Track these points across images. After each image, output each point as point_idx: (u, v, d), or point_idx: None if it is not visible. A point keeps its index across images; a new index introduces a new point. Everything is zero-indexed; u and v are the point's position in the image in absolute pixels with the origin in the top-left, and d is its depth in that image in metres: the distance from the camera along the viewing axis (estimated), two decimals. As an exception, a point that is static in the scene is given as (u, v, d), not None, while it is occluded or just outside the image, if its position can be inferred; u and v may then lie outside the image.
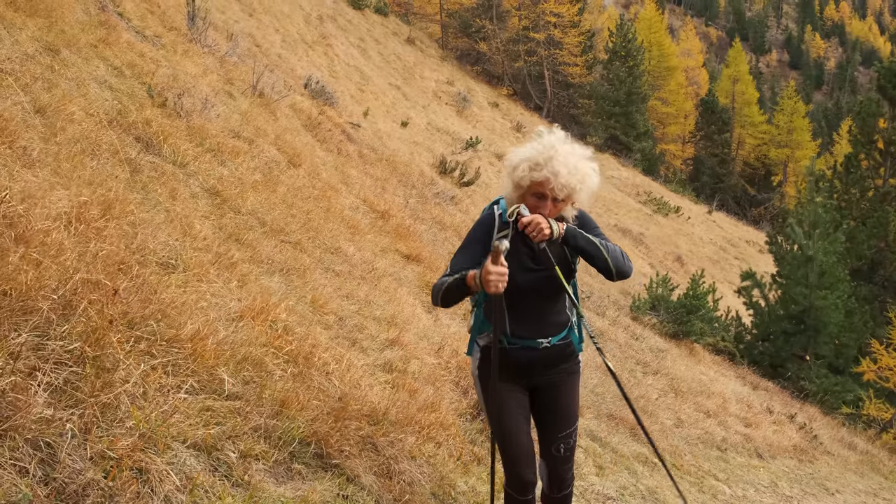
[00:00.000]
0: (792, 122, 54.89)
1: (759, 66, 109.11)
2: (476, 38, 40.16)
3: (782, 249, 17.21)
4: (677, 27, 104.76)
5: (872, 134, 19.56)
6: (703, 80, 66.61)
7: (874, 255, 19.12)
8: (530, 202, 3.41)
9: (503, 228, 3.52)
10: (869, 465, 11.82)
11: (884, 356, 15.84)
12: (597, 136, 38.94)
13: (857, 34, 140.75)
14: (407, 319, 6.83)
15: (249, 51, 13.29)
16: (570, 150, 3.40)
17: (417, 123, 21.63)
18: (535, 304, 3.53)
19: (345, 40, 25.35)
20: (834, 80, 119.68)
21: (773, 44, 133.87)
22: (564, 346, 3.65)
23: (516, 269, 3.36)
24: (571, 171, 3.34)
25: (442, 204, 13.68)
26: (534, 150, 3.38)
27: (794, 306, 16.30)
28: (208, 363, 3.62)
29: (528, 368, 3.59)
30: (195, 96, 7.88)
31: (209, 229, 5.50)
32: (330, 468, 3.71)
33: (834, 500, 8.84)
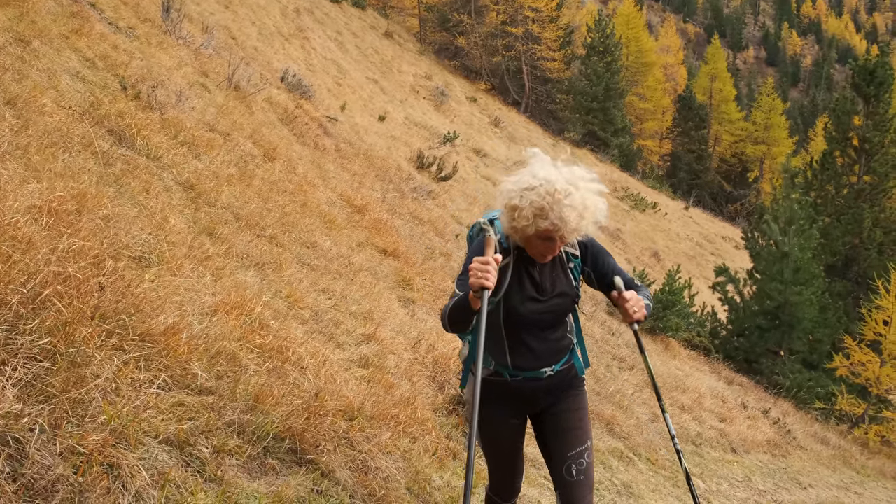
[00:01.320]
0: (769, 119, 55.27)
1: (737, 63, 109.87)
2: (454, 33, 40.08)
3: (758, 245, 17.34)
4: (655, 23, 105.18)
5: (847, 131, 19.74)
6: (682, 77, 66.96)
7: (848, 251, 19.33)
8: (537, 246, 3.14)
9: (505, 255, 3.20)
10: (841, 460, 11.95)
11: (856, 352, 16.02)
12: (574, 131, 39.03)
13: (834, 32, 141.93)
14: (383, 314, 6.82)
15: (225, 43, 13.19)
16: (577, 186, 3.05)
17: (395, 118, 21.58)
18: (538, 334, 3.29)
19: (322, 33, 25.23)
20: (810, 77, 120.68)
21: (750, 41, 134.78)
22: (567, 370, 3.44)
23: (519, 300, 3.20)
24: (581, 212, 3.03)
25: (419, 199, 13.66)
26: (536, 194, 3.01)
27: (768, 302, 16.44)
28: (181, 358, 3.59)
29: (531, 398, 3.41)
30: (169, 89, 7.82)
31: (183, 223, 5.46)
32: (304, 463, 3.70)
33: (806, 494, 8.93)
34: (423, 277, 9.00)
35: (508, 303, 3.22)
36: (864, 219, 18.79)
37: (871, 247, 18.99)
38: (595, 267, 3.39)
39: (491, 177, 21.99)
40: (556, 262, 3.31)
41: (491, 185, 20.95)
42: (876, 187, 19.15)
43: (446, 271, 10.33)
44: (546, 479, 5.61)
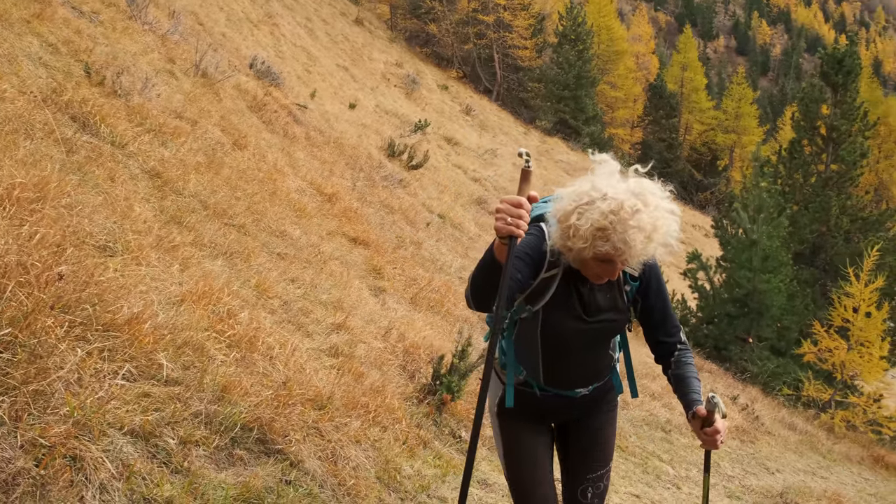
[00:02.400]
0: (739, 108, 55.67)
1: (707, 52, 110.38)
2: (425, 20, 39.93)
3: (727, 233, 17.48)
4: (627, 12, 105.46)
5: (815, 120, 19.91)
6: (653, 66, 67.20)
7: (816, 239, 19.54)
8: (594, 268, 2.76)
9: (552, 268, 2.84)
10: (808, 445, 12.11)
11: (824, 338, 16.22)
12: (546, 119, 39.07)
13: (803, 21, 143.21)
14: (354, 303, 6.79)
15: (192, 29, 13.03)
16: (647, 203, 2.61)
17: (366, 105, 21.46)
18: (577, 354, 2.96)
19: (291, 20, 25.01)
20: (779, 66, 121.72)
21: (720, 30, 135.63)
22: (602, 387, 3.13)
23: (561, 318, 2.86)
24: (650, 234, 2.60)
25: (390, 187, 13.61)
26: (598, 212, 2.58)
27: (738, 290, 16.60)
28: (147, 348, 3.54)
29: (558, 414, 3.15)
30: (135, 75, 7.70)
31: (149, 212, 5.39)
32: (273, 453, 3.67)
33: (774, 479, 9.03)
34: (393, 266, 8.97)
35: (548, 318, 2.88)
36: (831, 207, 19.00)
37: (837, 234, 19.22)
38: (646, 298, 3.00)
39: (462, 165, 21.97)
40: (612, 281, 2.91)
41: (462, 174, 20.93)
42: (843, 175, 19.35)
43: (417, 260, 10.31)
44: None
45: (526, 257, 2.79)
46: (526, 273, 2.78)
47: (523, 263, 2.78)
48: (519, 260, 2.76)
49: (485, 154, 24.91)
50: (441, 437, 5.38)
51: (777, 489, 8.35)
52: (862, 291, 15.46)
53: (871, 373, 16.10)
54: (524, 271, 2.77)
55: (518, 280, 2.75)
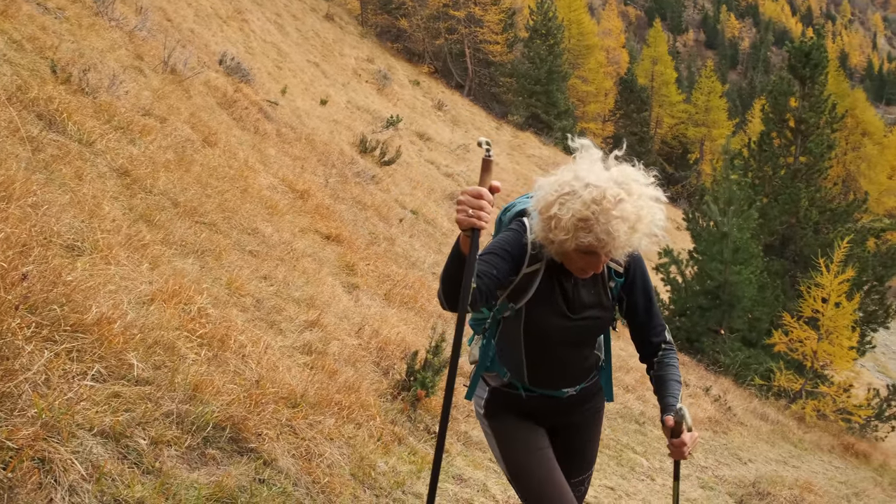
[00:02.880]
0: (709, 102, 56.12)
1: (677, 46, 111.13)
2: (396, 15, 39.84)
3: (699, 226, 17.62)
4: (597, 6, 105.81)
5: (784, 113, 20.09)
6: (623, 60, 67.51)
7: (785, 230, 19.73)
8: (577, 261, 2.68)
9: (534, 262, 2.77)
10: (779, 435, 12.25)
11: (794, 329, 16.40)
12: (518, 114, 39.11)
13: (771, 15, 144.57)
14: (327, 300, 6.76)
15: (160, 25, 12.90)
16: (630, 191, 2.54)
17: (337, 101, 21.37)
18: (561, 352, 2.90)
19: (261, 15, 24.85)
20: (748, 59, 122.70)
21: (690, 24, 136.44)
22: (590, 388, 3.08)
23: (545, 314, 2.79)
24: (634, 224, 2.53)
25: (363, 183, 13.57)
26: (580, 202, 2.51)
27: (709, 282, 16.75)
28: (116, 348, 3.49)
29: (547, 414, 3.05)
30: (102, 72, 7.61)
31: (118, 210, 5.32)
32: (246, 452, 3.64)
33: (746, 468, 9.13)
34: (366, 262, 8.95)
35: (531, 315, 2.81)
36: (800, 199, 19.18)
37: (807, 226, 19.41)
38: (631, 294, 2.93)
39: (435, 160, 21.95)
40: (597, 276, 2.85)
41: (435, 169, 20.92)
42: (811, 167, 19.55)
43: (390, 256, 10.29)
44: (492, 461, 5.64)
45: (505, 254, 2.73)
46: (504, 269, 2.71)
47: (501, 259, 2.71)
48: (496, 256, 2.70)
49: (457, 149, 24.91)
50: (416, 433, 5.37)
51: (749, 479, 8.43)
52: (831, 282, 15.65)
53: (841, 362, 16.32)
54: (501, 267, 2.69)
55: (495, 276, 2.66)
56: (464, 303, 2.52)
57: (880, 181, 49.00)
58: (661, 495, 6.91)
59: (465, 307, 2.52)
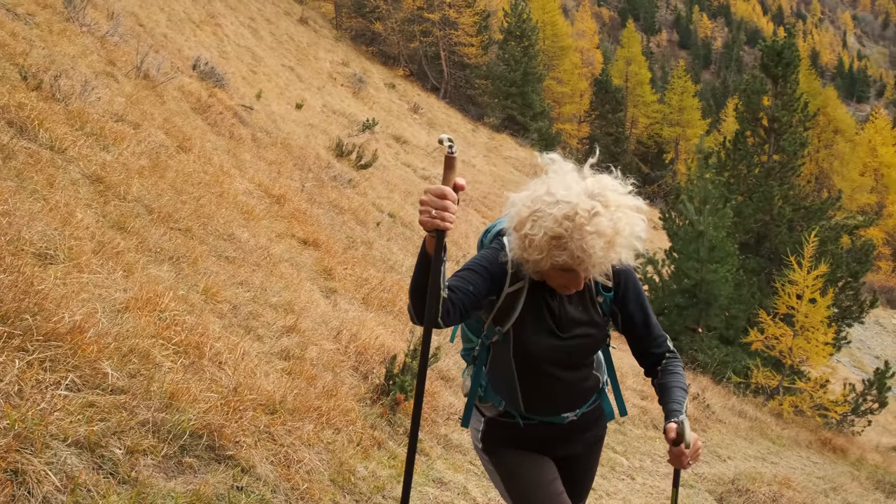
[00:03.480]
0: (682, 101, 56.52)
1: (651, 47, 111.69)
2: (371, 18, 39.78)
3: (675, 225, 17.72)
4: (571, 7, 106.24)
5: (757, 111, 20.25)
6: (597, 61, 67.85)
7: (760, 228, 19.89)
8: (556, 279, 2.56)
9: (517, 281, 2.65)
10: (758, 431, 12.34)
11: (770, 326, 16.53)
12: (494, 116, 39.19)
13: (742, 14, 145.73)
14: (304, 305, 6.72)
15: (132, 30, 12.80)
16: (607, 203, 2.40)
17: (312, 105, 21.31)
18: (557, 374, 2.75)
19: (234, 20, 24.73)
20: (721, 59, 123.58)
21: (662, 24, 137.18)
22: (592, 413, 2.93)
23: (533, 335, 2.66)
24: (611, 238, 2.38)
25: (339, 187, 13.53)
26: (552, 219, 2.38)
27: (686, 280, 16.85)
28: (90, 357, 3.46)
29: (549, 442, 2.90)
30: (74, 78, 7.53)
31: (91, 217, 5.27)
32: (224, 460, 3.61)
33: (726, 466, 9.18)
34: (344, 267, 8.92)
35: (519, 337, 2.68)
36: (774, 196, 19.34)
37: (781, 223, 19.58)
38: (624, 308, 2.78)
39: (411, 163, 21.93)
40: (584, 292, 2.72)
41: (412, 172, 20.90)
42: (785, 165, 19.72)
43: (368, 260, 10.26)
44: (472, 463, 5.63)
45: (482, 270, 2.60)
46: (481, 286, 2.57)
47: (478, 276, 2.58)
48: (473, 272, 2.59)
49: (434, 152, 24.90)
50: (395, 437, 5.36)
51: (729, 476, 8.48)
52: (805, 278, 15.79)
53: (817, 358, 16.47)
54: (478, 284, 2.57)
55: (470, 293, 2.53)
56: (431, 310, 2.38)
57: (853, 178, 49.51)
58: (641, 494, 6.94)
59: (434, 316, 2.38)
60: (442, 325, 2.46)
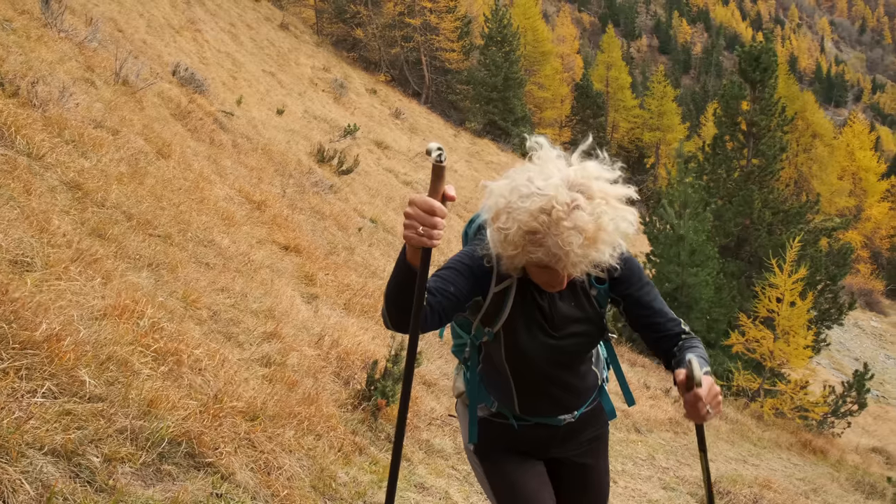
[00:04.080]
0: (662, 106, 56.83)
1: (631, 52, 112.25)
2: (352, 24, 39.79)
3: (656, 229, 17.82)
4: (551, 13, 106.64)
5: (736, 116, 20.43)
6: (578, 66, 68.16)
7: (740, 232, 20.04)
8: (538, 275, 2.40)
9: (503, 279, 2.47)
10: (739, 434, 12.39)
11: (751, 329, 16.64)
12: (475, 121, 39.27)
13: (721, 20, 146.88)
14: (285, 311, 6.70)
15: (111, 36, 12.73)
16: (591, 193, 2.18)
17: (294, 111, 21.27)
18: (552, 375, 2.60)
19: (215, 25, 24.66)
20: (700, 64, 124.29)
21: (642, 29, 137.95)
22: (592, 412, 2.79)
23: (525, 335, 2.50)
24: (594, 234, 2.15)
25: (321, 193, 13.51)
26: (526, 212, 2.15)
27: (667, 284, 16.93)
28: (67, 365, 3.43)
29: (545, 444, 2.77)
30: (51, 84, 7.48)
31: (69, 224, 5.23)
32: (203, 467, 3.59)
33: (707, 467, 9.21)
34: (325, 272, 8.90)
35: (511, 338, 2.52)
36: (753, 200, 19.51)
37: (761, 227, 19.74)
38: (627, 295, 2.56)
39: (393, 169, 21.93)
40: (576, 285, 2.53)
41: (394, 178, 20.89)
42: (764, 169, 19.90)
43: (350, 266, 10.24)
44: (454, 468, 5.63)
45: (464, 268, 2.42)
46: (463, 286, 2.40)
47: (459, 275, 2.40)
48: (454, 272, 2.41)
49: (415, 157, 24.91)
50: (377, 442, 5.35)
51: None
52: (785, 282, 15.91)
53: (797, 361, 16.59)
54: (459, 284, 2.39)
55: (451, 294, 2.36)
56: (415, 324, 2.24)
57: (831, 182, 49.95)
58: (623, 497, 6.96)
59: (416, 329, 2.25)
60: (419, 332, 2.30)
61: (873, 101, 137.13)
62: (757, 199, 19.61)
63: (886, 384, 27.52)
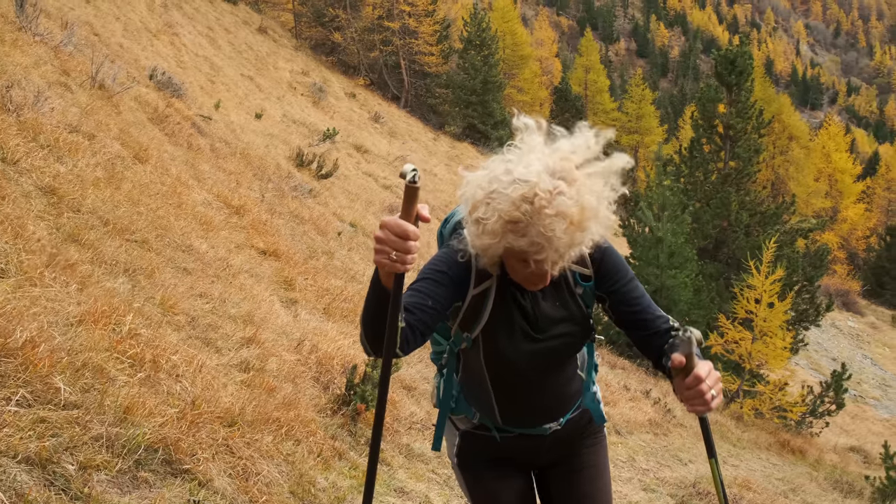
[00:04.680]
0: (640, 109, 57.19)
1: (609, 55, 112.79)
2: (330, 28, 39.72)
3: (634, 232, 17.89)
4: (530, 17, 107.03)
5: (713, 119, 20.56)
6: (557, 69, 68.43)
7: (718, 234, 20.16)
8: (518, 271, 2.26)
9: (483, 280, 2.34)
10: (718, 435, 12.46)
11: (730, 330, 16.74)
12: (455, 125, 39.29)
13: (698, 23, 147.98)
14: (264, 316, 6.67)
15: (87, 40, 12.64)
16: (571, 177, 2.07)
17: (272, 115, 21.20)
18: (535, 381, 2.46)
19: (192, 29, 24.53)
20: (678, 67, 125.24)
21: (620, 33, 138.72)
22: (580, 418, 2.65)
23: (506, 339, 2.36)
24: (578, 220, 2.05)
25: (300, 197, 13.46)
26: (507, 200, 2.04)
27: (646, 286, 16.97)
28: (42, 372, 3.39)
29: (529, 457, 2.66)
30: (26, 89, 7.41)
31: (44, 230, 5.18)
32: (180, 474, 3.56)
33: (687, 469, 9.25)
34: (305, 277, 8.87)
35: (491, 343, 2.38)
36: (731, 202, 19.64)
37: (738, 229, 19.87)
38: (612, 292, 2.42)
39: (373, 173, 21.89)
40: (560, 284, 2.40)
41: (373, 182, 20.86)
42: (741, 172, 20.03)
43: (329, 270, 10.21)
44: (434, 472, 5.62)
45: (442, 277, 2.30)
46: (443, 296, 2.28)
47: (437, 285, 2.28)
48: (431, 283, 2.28)
49: (395, 161, 24.89)
50: (357, 447, 5.33)
51: (690, 479, 8.54)
52: (763, 283, 16.02)
53: (776, 361, 16.70)
54: (439, 295, 2.27)
55: (430, 308, 2.24)
56: (390, 349, 2.14)
57: (807, 183, 50.38)
58: None
59: (392, 353, 2.15)
60: (401, 354, 2.19)
61: (848, 104, 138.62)
62: (734, 201, 19.74)
63: (863, 384, 27.78)
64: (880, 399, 27.08)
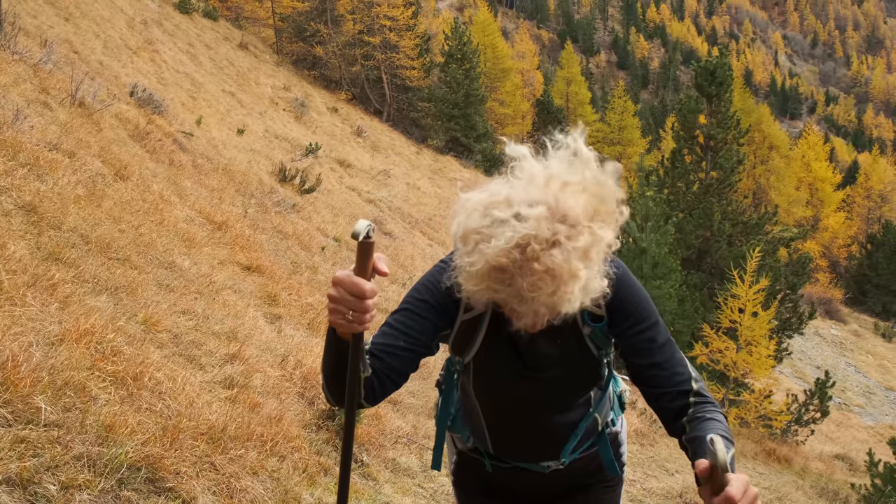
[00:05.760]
0: (622, 121, 57.49)
1: (590, 67, 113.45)
2: (311, 43, 39.74)
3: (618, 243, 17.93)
4: (511, 30, 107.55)
5: (693, 129, 20.69)
6: (538, 82, 68.73)
7: (701, 244, 20.26)
8: (505, 311, 1.97)
9: (472, 306, 2.07)
10: (704, 443, 12.46)
11: (714, 340, 16.80)
12: (437, 138, 39.37)
13: (678, 35, 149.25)
14: (248, 332, 6.64)
15: (67, 58, 12.59)
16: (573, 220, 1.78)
17: (254, 131, 21.17)
18: (534, 418, 2.22)
19: (173, 46, 24.49)
20: (658, 79, 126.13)
21: (601, 45, 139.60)
22: (588, 462, 2.38)
23: (497, 370, 2.14)
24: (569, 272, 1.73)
25: (283, 212, 13.43)
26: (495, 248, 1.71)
27: (631, 297, 17.03)
28: (23, 392, 3.36)
29: (528, 490, 2.41)
30: (5, 107, 7.37)
31: (24, 249, 5.14)
32: (164, 492, 3.53)
33: (674, 479, 9.26)
34: (289, 292, 8.84)
35: (481, 370, 2.18)
36: (713, 212, 19.76)
37: (721, 238, 19.98)
38: (620, 335, 2.10)
39: (356, 187, 21.88)
40: (563, 323, 1.99)
41: (357, 196, 20.85)
42: (722, 182, 20.16)
43: (313, 285, 10.18)
44: (420, 486, 5.60)
45: (422, 307, 2.07)
46: (420, 333, 2.06)
47: (416, 318, 2.06)
48: (410, 315, 2.07)
49: (378, 175, 24.90)
50: (342, 462, 5.29)
51: (677, 490, 8.56)
52: (747, 292, 16.10)
53: (760, 370, 16.77)
54: (415, 332, 2.05)
55: (404, 350, 2.04)
56: (352, 405, 1.96)
57: (789, 192, 50.74)
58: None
59: (354, 407, 1.98)
60: (367, 405, 2.02)
61: (827, 113, 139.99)
62: (716, 212, 19.86)
63: (847, 391, 27.92)
64: (864, 406, 27.22)
